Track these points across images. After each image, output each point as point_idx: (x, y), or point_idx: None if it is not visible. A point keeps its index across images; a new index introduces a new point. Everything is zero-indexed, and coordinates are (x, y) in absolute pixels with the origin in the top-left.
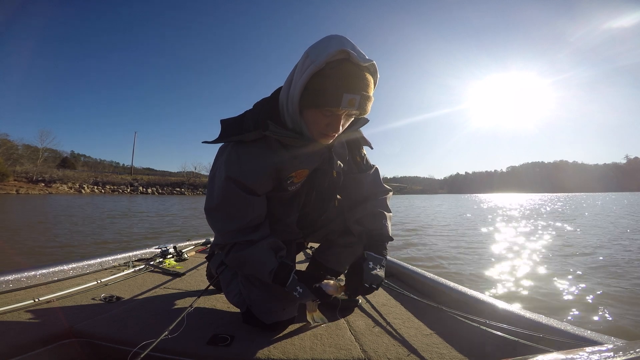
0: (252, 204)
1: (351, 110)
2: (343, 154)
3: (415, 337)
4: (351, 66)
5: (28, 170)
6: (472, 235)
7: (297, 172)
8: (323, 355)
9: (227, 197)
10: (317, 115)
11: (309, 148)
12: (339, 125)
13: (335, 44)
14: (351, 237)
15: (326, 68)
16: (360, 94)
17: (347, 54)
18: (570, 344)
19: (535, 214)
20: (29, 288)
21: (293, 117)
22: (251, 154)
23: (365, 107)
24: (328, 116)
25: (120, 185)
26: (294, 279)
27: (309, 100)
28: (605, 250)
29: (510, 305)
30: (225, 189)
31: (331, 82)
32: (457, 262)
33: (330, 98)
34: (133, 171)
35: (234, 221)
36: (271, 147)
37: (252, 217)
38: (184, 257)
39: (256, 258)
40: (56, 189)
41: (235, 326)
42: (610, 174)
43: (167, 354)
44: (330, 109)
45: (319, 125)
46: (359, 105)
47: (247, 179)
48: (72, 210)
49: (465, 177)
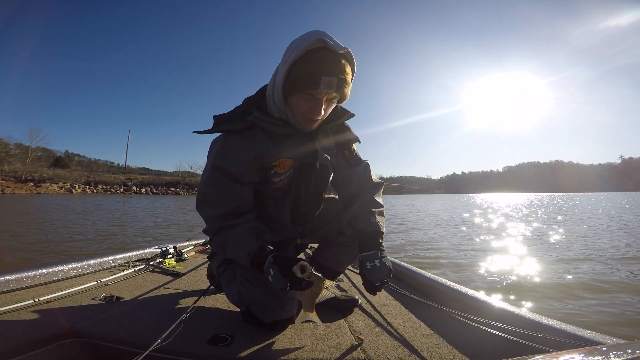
0: (235, 192)
1: (330, 93)
2: (329, 147)
3: (415, 337)
4: (328, 53)
5: (17, 170)
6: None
7: (280, 161)
8: (323, 355)
9: (213, 184)
10: (299, 100)
11: (293, 139)
12: (320, 108)
13: (313, 35)
14: (348, 237)
15: (306, 55)
16: (338, 76)
17: (324, 43)
18: (570, 344)
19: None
20: (29, 288)
21: (279, 105)
22: (236, 143)
23: (344, 90)
24: (310, 100)
25: (113, 185)
26: (269, 262)
27: (292, 86)
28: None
29: (510, 305)
30: (211, 177)
31: (310, 67)
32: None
33: (310, 81)
34: (128, 171)
35: (219, 208)
36: (256, 137)
37: (237, 205)
38: (184, 257)
39: (237, 240)
40: (46, 188)
41: (235, 326)
42: (605, 174)
43: (167, 354)
44: (311, 92)
45: (302, 110)
46: (337, 87)
47: (231, 167)
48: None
49: (462, 177)
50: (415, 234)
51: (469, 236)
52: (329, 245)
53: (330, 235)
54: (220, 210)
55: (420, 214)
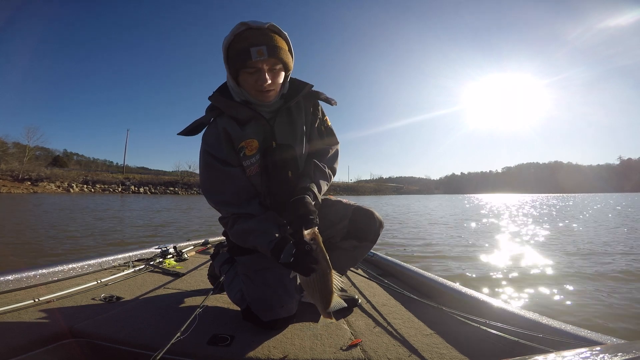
0: (230, 174)
1: (267, 60)
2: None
3: (415, 337)
4: (252, 30)
5: (14, 169)
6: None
7: (247, 142)
8: (323, 355)
9: (209, 169)
10: (245, 77)
11: (256, 122)
12: (264, 76)
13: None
14: (352, 241)
15: (235, 38)
16: (267, 44)
17: (247, 24)
18: (570, 344)
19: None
20: (29, 288)
21: (234, 89)
22: (213, 131)
23: (279, 55)
24: (253, 73)
25: (111, 184)
26: (289, 246)
27: (233, 66)
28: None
29: (510, 305)
30: (206, 163)
31: (239, 44)
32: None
33: (242, 54)
34: (127, 170)
35: (221, 191)
36: (225, 122)
37: (237, 187)
38: (184, 257)
39: (259, 229)
40: (43, 187)
41: (235, 326)
42: (604, 175)
43: (167, 354)
44: (247, 64)
45: (251, 83)
46: (269, 53)
47: (217, 152)
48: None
49: (460, 177)
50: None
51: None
52: (331, 248)
53: (334, 238)
54: (223, 194)
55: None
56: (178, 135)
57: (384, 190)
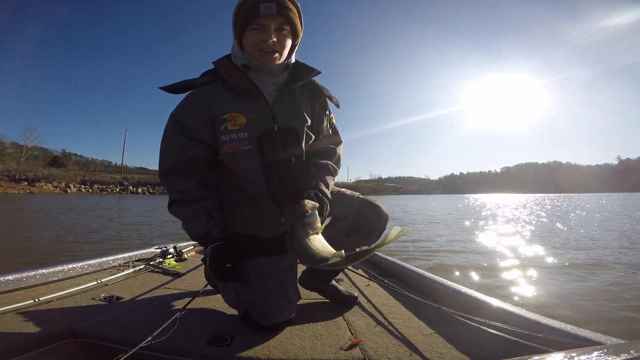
0: (184, 143)
1: (273, 17)
2: (294, 111)
3: (415, 337)
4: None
5: (10, 169)
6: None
7: (232, 115)
8: (323, 355)
9: (166, 133)
10: (250, 35)
11: (252, 100)
12: (270, 34)
13: None
14: (356, 237)
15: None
16: (276, 2)
17: None
18: (570, 344)
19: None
20: (29, 288)
21: (236, 52)
22: (194, 95)
23: (288, 14)
24: (258, 30)
25: (109, 185)
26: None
27: (240, 24)
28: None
29: (510, 305)
30: (166, 128)
31: (250, 1)
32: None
33: (251, 10)
34: (125, 170)
35: (166, 160)
36: (212, 90)
37: (183, 159)
38: (184, 257)
39: (188, 219)
40: (40, 188)
41: (235, 326)
42: (603, 175)
43: (167, 354)
44: (255, 20)
45: (255, 42)
46: (278, 10)
47: (184, 119)
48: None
49: (460, 177)
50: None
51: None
52: (333, 244)
53: (337, 234)
54: (167, 162)
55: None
56: (159, 88)
57: (383, 191)
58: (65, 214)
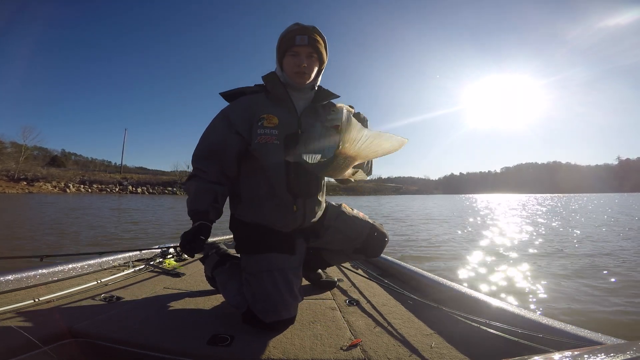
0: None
1: (305, 47)
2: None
3: (415, 337)
4: (300, 26)
5: (9, 168)
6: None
7: (268, 115)
8: (323, 355)
9: (213, 122)
10: (288, 59)
11: (284, 106)
12: (301, 59)
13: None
14: (361, 255)
15: (287, 32)
16: (308, 35)
17: (298, 23)
18: (570, 344)
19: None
20: (29, 288)
21: (278, 72)
22: (243, 100)
23: (317, 46)
24: (293, 56)
25: (108, 184)
26: (194, 226)
27: (280, 50)
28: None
29: (510, 305)
30: (214, 119)
31: (288, 34)
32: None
33: (289, 40)
34: (125, 170)
35: (205, 142)
36: (258, 100)
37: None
38: (184, 257)
39: (198, 193)
40: (39, 187)
41: (235, 326)
42: (603, 175)
43: (167, 354)
44: (291, 49)
45: (290, 65)
46: (309, 42)
47: (231, 114)
48: None
49: (460, 177)
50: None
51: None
52: (338, 253)
53: (348, 250)
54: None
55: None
56: (219, 94)
57: (383, 191)
58: (67, 213)
